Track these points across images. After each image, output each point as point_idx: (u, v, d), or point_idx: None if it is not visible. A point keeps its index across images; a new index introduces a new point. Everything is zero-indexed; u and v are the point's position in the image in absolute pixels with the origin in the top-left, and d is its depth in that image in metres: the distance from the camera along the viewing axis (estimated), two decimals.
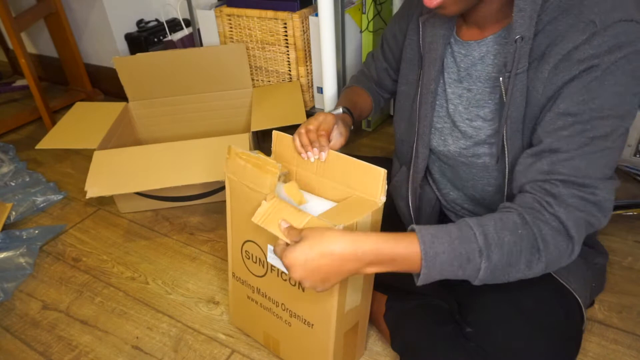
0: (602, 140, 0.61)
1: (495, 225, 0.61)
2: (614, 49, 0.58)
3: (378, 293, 0.89)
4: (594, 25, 0.59)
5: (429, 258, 0.60)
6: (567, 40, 0.61)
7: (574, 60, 0.61)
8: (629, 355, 0.90)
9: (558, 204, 0.61)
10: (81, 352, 1.00)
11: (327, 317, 0.77)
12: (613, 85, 0.59)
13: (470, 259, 0.60)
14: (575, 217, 0.61)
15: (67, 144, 1.31)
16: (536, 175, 0.64)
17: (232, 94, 1.55)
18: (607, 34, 0.59)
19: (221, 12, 1.48)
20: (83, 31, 2.03)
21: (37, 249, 1.28)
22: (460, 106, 0.76)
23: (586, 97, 0.60)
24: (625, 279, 1.05)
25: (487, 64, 0.72)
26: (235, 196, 0.83)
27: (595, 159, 0.61)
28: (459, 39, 0.75)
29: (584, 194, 0.61)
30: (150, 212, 1.41)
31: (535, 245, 0.60)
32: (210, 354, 0.97)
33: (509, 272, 0.61)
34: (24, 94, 2.25)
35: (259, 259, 0.84)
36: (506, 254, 0.60)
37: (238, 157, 0.79)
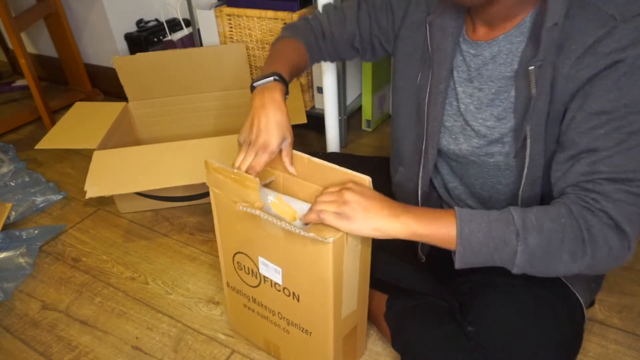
0: (639, 134, 0.60)
1: (537, 213, 0.61)
2: (637, 41, 0.58)
3: (378, 292, 0.89)
4: (614, 19, 0.59)
5: (464, 236, 0.61)
6: (587, 35, 0.61)
7: (598, 55, 0.60)
8: (629, 355, 0.90)
9: (605, 199, 0.60)
10: (81, 352, 1.00)
11: (324, 325, 0.77)
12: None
13: (507, 241, 0.60)
14: (626, 212, 0.59)
15: (67, 144, 1.31)
16: (578, 178, 0.62)
17: (232, 94, 1.55)
18: (628, 27, 0.58)
19: (221, 12, 1.48)
20: (83, 31, 2.03)
21: (36, 249, 1.28)
22: (472, 105, 0.75)
23: (618, 94, 0.59)
24: (625, 279, 1.05)
25: (499, 64, 0.71)
26: (222, 209, 0.82)
27: (635, 154, 0.60)
28: (467, 38, 0.74)
29: (630, 188, 0.60)
30: (150, 212, 1.41)
31: (579, 236, 0.59)
32: (210, 354, 0.97)
33: (549, 261, 0.60)
34: (24, 94, 2.25)
35: (251, 270, 0.83)
36: (545, 240, 0.59)
37: (216, 172, 0.76)
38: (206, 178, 0.79)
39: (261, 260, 0.79)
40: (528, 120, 0.66)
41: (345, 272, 0.73)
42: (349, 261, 0.72)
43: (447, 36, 0.75)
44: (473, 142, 0.76)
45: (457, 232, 0.62)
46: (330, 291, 0.71)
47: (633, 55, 0.58)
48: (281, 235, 0.73)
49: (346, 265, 0.72)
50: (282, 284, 0.78)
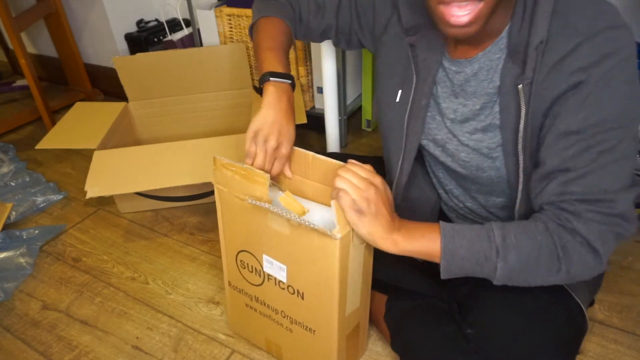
0: (610, 153, 0.60)
1: (516, 230, 0.63)
2: (602, 59, 0.58)
3: (378, 293, 0.89)
4: (579, 35, 0.59)
5: (447, 252, 0.64)
6: (554, 50, 0.61)
7: (562, 73, 0.60)
8: (629, 355, 0.90)
9: (577, 219, 0.61)
10: (81, 352, 1.00)
11: (329, 323, 0.77)
12: (611, 97, 0.59)
13: (487, 257, 0.63)
14: (598, 231, 0.61)
15: (67, 144, 1.31)
16: (551, 197, 0.63)
17: (232, 94, 1.55)
18: (593, 43, 0.58)
19: (221, 12, 1.48)
20: (83, 31, 2.03)
21: (37, 249, 1.28)
22: (457, 120, 0.76)
23: (585, 114, 0.60)
24: (625, 279, 1.05)
25: (480, 80, 0.71)
26: (226, 207, 0.82)
27: (606, 173, 0.60)
28: (448, 57, 0.74)
29: (602, 209, 0.61)
30: (150, 212, 1.41)
31: (554, 253, 0.62)
32: (210, 354, 0.97)
33: (527, 275, 0.64)
34: (24, 94, 2.25)
35: (255, 268, 0.83)
36: (524, 257, 0.62)
37: (224, 168, 0.76)
38: (212, 175, 0.79)
39: (265, 258, 0.79)
40: (520, 137, 0.66)
41: (350, 269, 0.73)
42: (354, 258, 0.73)
43: (431, 55, 0.75)
44: (462, 155, 0.77)
45: (441, 248, 0.64)
46: (335, 288, 0.72)
47: (598, 73, 0.58)
48: (287, 232, 0.73)
49: (351, 262, 0.72)
50: (286, 282, 0.78)
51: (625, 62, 0.58)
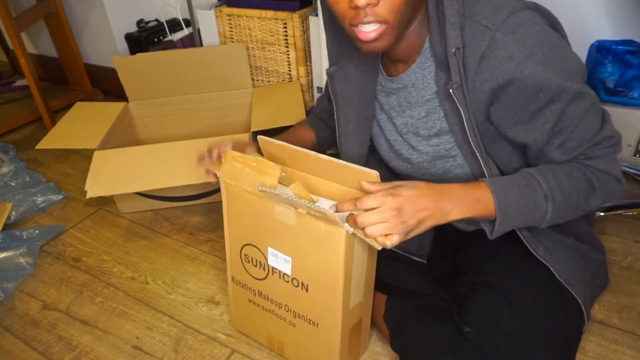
0: (579, 107, 0.67)
1: (554, 172, 0.68)
2: (519, 43, 0.63)
3: (377, 293, 0.89)
4: (489, 30, 0.64)
5: (503, 208, 0.67)
6: (474, 50, 0.66)
7: (492, 68, 0.65)
8: (629, 355, 0.90)
9: (592, 162, 0.69)
10: (81, 352, 1.00)
11: (332, 315, 0.77)
12: (545, 68, 0.64)
13: (538, 204, 0.67)
14: (609, 161, 0.70)
15: (67, 144, 1.31)
16: (558, 160, 0.70)
17: (232, 94, 1.55)
18: (503, 32, 0.64)
19: (221, 12, 1.48)
20: (83, 31, 2.03)
21: (37, 249, 1.28)
22: (410, 132, 0.81)
23: (540, 93, 0.65)
24: (625, 279, 1.05)
25: (419, 89, 0.77)
26: (233, 200, 0.83)
27: (588, 120, 0.68)
28: (387, 77, 0.81)
29: (603, 144, 0.69)
30: (150, 212, 1.41)
31: (591, 185, 0.69)
32: (210, 354, 0.97)
33: (571, 210, 0.70)
34: (24, 94, 2.25)
35: (259, 262, 0.84)
36: (567, 195, 0.68)
37: (235, 161, 0.78)
38: (220, 169, 0.81)
39: (270, 251, 0.80)
40: (470, 136, 0.71)
41: (355, 260, 0.74)
42: (359, 250, 0.74)
43: (351, 83, 0.84)
44: (424, 164, 0.81)
45: (496, 207, 0.67)
46: (340, 279, 0.73)
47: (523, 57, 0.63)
48: (293, 223, 0.74)
49: (356, 253, 0.73)
50: (291, 275, 0.79)
51: (541, 34, 0.64)
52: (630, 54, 1.27)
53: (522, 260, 0.76)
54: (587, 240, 0.82)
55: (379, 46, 0.68)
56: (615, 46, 1.28)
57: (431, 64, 0.74)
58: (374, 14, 0.65)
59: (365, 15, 0.65)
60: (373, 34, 0.67)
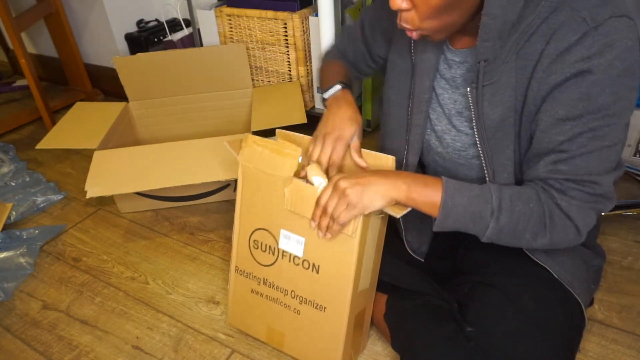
0: (601, 139, 0.64)
1: (512, 195, 0.67)
2: (605, 48, 0.59)
3: (378, 293, 0.89)
4: (586, 24, 0.60)
5: (447, 207, 0.67)
6: (559, 40, 0.62)
7: (566, 62, 0.62)
8: (629, 355, 0.90)
9: (561, 197, 0.66)
10: (81, 352, 1.00)
11: (342, 296, 0.78)
12: (609, 86, 0.60)
13: (482, 216, 0.67)
14: (578, 208, 0.66)
15: (67, 144, 1.31)
16: (541, 173, 0.68)
17: (232, 94, 1.55)
18: (598, 32, 0.59)
19: (221, 12, 1.48)
20: (83, 31, 2.03)
21: (37, 249, 1.28)
22: (455, 110, 0.77)
23: (584, 103, 0.62)
24: (625, 279, 1.05)
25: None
26: (248, 183, 0.84)
27: (594, 158, 0.64)
28: (451, 47, 0.75)
29: (585, 189, 0.66)
30: (150, 212, 1.41)
31: (542, 221, 0.67)
32: (210, 353, 0.97)
33: (514, 237, 0.68)
34: (24, 94, 2.25)
35: (269, 246, 0.84)
36: (514, 221, 0.66)
37: (255, 144, 0.80)
38: (240, 153, 0.83)
39: (283, 233, 0.81)
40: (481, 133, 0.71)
41: (368, 242, 0.75)
42: (372, 232, 0.76)
43: (429, 50, 0.77)
44: (457, 145, 0.78)
45: (442, 202, 0.68)
46: (354, 257, 0.74)
47: (601, 63, 0.60)
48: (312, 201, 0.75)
49: (370, 235, 0.75)
50: (302, 256, 0.80)
51: (627, 53, 0.60)
52: None
53: (524, 260, 0.76)
54: (590, 246, 0.82)
55: (431, 39, 0.68)
56: None
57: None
58: (406, 21, 0.64)
59: (400, 20, 0.64)
60: (414, 34, 0.67)
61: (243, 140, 0.82)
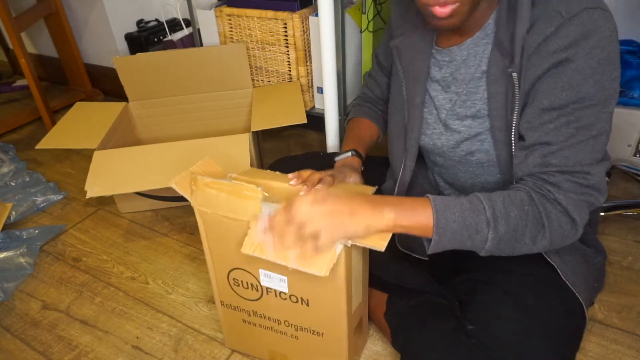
0: (587, 129, 0.64)
1: (504, 201, 0.65)
2: (582, 38, 0.61)
3: (378, 291, 0.89)
4: (560, 16, 0.62)
5: (441, 226, 0.64)
6: (536, 33, 0.64)
7: (543, 53, 0.64)
8: (629, 355, 0.90)
9: (557, 190, 0.65)
10: (81, 352, 1.00)
11: (338, 324, 0.76)
12: (591, 75, 0.62)
13: (479, 229, 0.64)
14: (574, 201, 0.65)
15: (67, 144, 1.31)
16: (532, 168, 0.68)
17: (232, 94, 1.55)
18: (573, 23, 0.61)
19: (221, 12, 1.48)
20: (83, 31, 2.03)
21: (37, 249, 1.28)
22: (450, 109, 0.79)
23: (567, 92, 0.63)
24: (625, 279, 1.05)
25: (469, 66, 0.75)
26: (211, 228, 0.77)
27: (583, 147, 0.65)
28: (439, 48, 0.78)
29: (577, 180, 0.65)
30: (150, 212, 1.41)
31: (540, 222, 0.65)
32: (210, 353, 0.97)
33: (514, 245, 0.65)
34: (24, 94, 2.25)
35: (251, 284, 0.80)
36: (512, 227, 0.64)
37: (208, 187, 0.72)
38: (192, 197, 0.75)
39: (262, 272, 0.76)
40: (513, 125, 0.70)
41: (354, 269, 0.73)
42: (356, 256, 0.73)
43: (418, 54, 0.80)
44: (451, 143, 0.81)
45: (434, 223, 0.64)
46: (342, 291, 0.71)
47: (579, 52, 0.61)
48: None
49: (354, 262, 0.72)
50: (288, 292, 0.76)
51: (605, 42, 0.61)
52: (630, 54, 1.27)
53: (525, 258, 0.76)
54: (591, 244, 0.82)
55: (451, 23, 0.67)
56: None
57: (488, 42, 0.72)
58: None
59: None
60: (448, 9, 0.65)
61: (192, 182, 0.73)
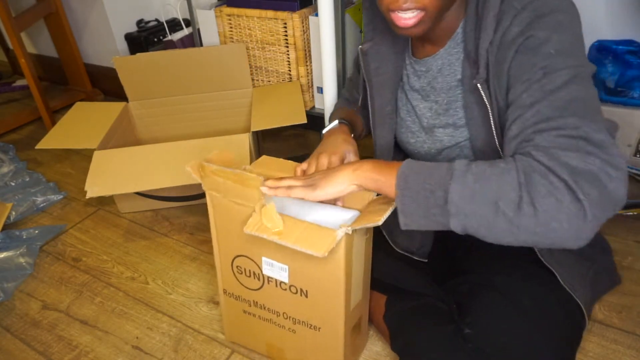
0: (563, 89, 0.58)
1: (480, 162, 0.58)
2: (537, 18, 0.62)
3: (377, 293, 0.89)
4: (515, 9, 0.64)
5: (402, 176, 0.61)
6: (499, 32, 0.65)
7: (505, 46, 0.65)
8: (629, 355, 0.90)
9: (536, 149, 0.56)
10: (81, 352, 1.00)
11: (335, 318, 0.77)
12: (556, 43, 0.61)
13: (442, 183, 0.57)
14: (563, 158, 0.53)
15: (67, 144, 1.31)
16: (511, 142, 0.61)
17: (232, 94, 1.55)
18: (526, 10, 0.63)
19: (221, 12, 1.48)
20: (83, 31, 2.03)
21: (37, 249, 1.28)
22: (432, 118, 0.80)
23: (534, 61, 0.62)
24: (625, 279, 1.05)
25: (445, 75, 0.77)
26: (220, 213, 0.80)
27: (562, 106, 0.57)
28: (415, 58, 0.80)
29: (562, 132, 0.55)
30: (150, 212, 1.41)
31: (515, 179, 0.54)
32: (210, 353, 0.97)
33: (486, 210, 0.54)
34: (24, 94, 2.25)
35: (254, 272, 0.82)
36: (481, 181, 0.55)
37: (214, 175, 0.75)
38: (203, 182, 0.79)
39: (265, 261, 0.78)
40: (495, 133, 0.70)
41: (354, 260, 0.73)
42: (358, 249, 0.74)
43: (386, 62, 0.81)
44: (432, 151, 0.83)
45: (398, 172, 0.61)
46: (342, 283, 0.72)
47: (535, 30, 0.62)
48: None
49: (355, 253, 0.73)
50: (288, 282, 0.78)
51: (561, 15, 0.62)
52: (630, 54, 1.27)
53: (523, 259, 0.76)
54: (594, 243, 0.81)
55: (415, 32, 0.68)
56: (616, 46, 1.28)
57: (460, 51, 0.73)
58: (413, 0, 0.65)
59: (405, 2, 0.65)
60: (411, 21, 0.66)
61: (200, 169, 0.77)
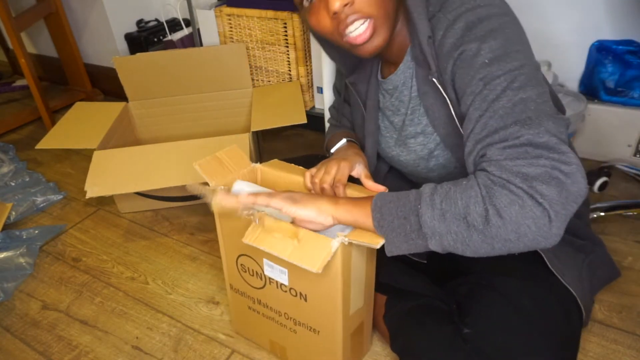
0: (503, 97, 0.60)
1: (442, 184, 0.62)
2: (467, 31, 0.64)
3: (377, 294, 0.89)
4: (447, 20, 0.66)
5: (377, 208, 0.65)
6: (436, 41, 0.68)
7: (443, 58, 0.67)
8: (629, 355, 0.90)
9: (489, 164, 0.59)
10: (81, 352, 1.00)
11: (332, 323, 0.77)
12: (487, 52, 0.63)
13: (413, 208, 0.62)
14: (515, 168, 0.57)
15: (67, 144, 1.31)
16: (468, 159, 0.64)
17: (232, 94, 1.55)
18: (458, 21, 0.65)
19: (221, 12, 1.48)
20: (83, 31, 2.03)
21: (37, 249, 1.28)
22: (402, 130, 0.84)
23: (472, 73, 0.64)
24: (625, 279, 1.05)
25: (407, 87, 0.80)
26: (224, 215, 0.82)
27: (506, 113, 0.60)
28: (382, 79, 0.85)
29: (508, 143, 0.58)
30: (150, 212, 1.41)
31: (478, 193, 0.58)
32: (210, 353, 0.97)
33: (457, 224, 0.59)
34: (24, 94, 2.25)
35: (256, 272, 0.83)
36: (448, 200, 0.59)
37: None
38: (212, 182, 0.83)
39: (266, 262, 0.79)
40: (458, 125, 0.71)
41: (353, 267, 0.73)
42: (357, 257, 0.73)
43: (369, 85, 0.87)
44: (410, 162, 0.86)
45: (372, 205, 0.66)
46: (339, 290, 0.72)
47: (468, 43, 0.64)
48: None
49: (354, 261, 0.73)
50: (288, 285, 0.78)
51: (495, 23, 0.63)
52: (630, 54, 1.27)
53: (522, 259, 0.75)
54: (584, 236, 0.82)
55: (376, 43, 0.69)
56: (615, 46, 1.28)
57: (413, 62, 0.77)
58: (354, 11, 0.66)
59: (346, 16, 0.66)
60: (366, 33, 0.68)
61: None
